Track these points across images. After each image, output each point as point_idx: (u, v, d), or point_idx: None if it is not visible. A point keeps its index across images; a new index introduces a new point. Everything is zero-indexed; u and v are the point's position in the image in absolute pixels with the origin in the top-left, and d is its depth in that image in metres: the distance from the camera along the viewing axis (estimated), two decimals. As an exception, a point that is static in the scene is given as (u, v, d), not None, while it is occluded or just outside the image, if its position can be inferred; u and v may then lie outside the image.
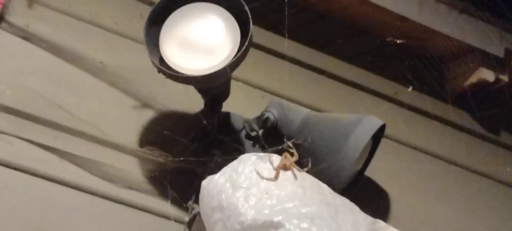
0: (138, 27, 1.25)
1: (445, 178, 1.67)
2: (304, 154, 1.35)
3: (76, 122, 1.35)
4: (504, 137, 1.81)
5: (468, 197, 1.66)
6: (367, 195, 1.33)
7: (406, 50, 1.73)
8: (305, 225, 0.96)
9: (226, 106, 1.38)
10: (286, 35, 1.38)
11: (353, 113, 1.36)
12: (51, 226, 1.24)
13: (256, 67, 1.61)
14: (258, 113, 1.38)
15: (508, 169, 1.74)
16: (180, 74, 1.20)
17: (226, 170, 1.08)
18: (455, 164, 1.71)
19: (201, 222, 1.19)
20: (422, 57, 1.68)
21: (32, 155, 1.29)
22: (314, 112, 1.41)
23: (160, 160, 1.34)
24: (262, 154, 1.10)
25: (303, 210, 0.99)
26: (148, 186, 1.34)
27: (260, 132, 1.40)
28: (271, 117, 1.37)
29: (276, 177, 1.04)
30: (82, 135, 1.35)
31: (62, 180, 1.29)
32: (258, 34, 1.61)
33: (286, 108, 1.40)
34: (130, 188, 1.33)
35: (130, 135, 1.39)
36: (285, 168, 1.08)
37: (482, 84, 1.70)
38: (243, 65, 1.24)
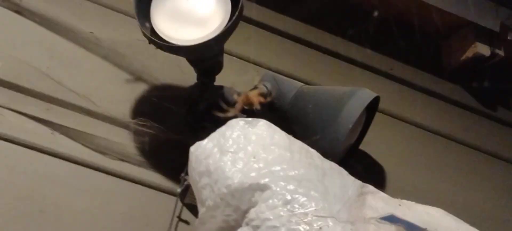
0: (131, 1, 1.24)
1: (440, 153, 1.67)
2: (298, 125, 1.36)
3: (69, 94, 1.35)
4: (501, 112, 1.80)
5: (464, 171, 1.66)
6: (360, 168, 1.31)
7: (401, 25, 1.74)
8: (291, 187, 0.96)
9: (219, 80, 1.37)
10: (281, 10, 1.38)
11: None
12: (44, 197, 1.24)
13: (250, 42, 1.60)
14: (251, 87, 1.38)
15: (504, 144, 1.74)
16: (171, 44, 1.21)
17: (214, 135, 1.08)
18: (450, 138, 1.70)
19: (193, 194, 1.18)
20: (417, 32, 1.67)
21: (24, 127, 1.29)
22: (308, 85, 1.40)
23: (153, 132, 1.34)
24: (250, 119, 1.09)
25: (291, 173, 0.99)
26: (141, 158, 1.34)
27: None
28: (264, 90, 1.37)
29: (238, 110, 1.03)
30: (74, 107, 1.35)
31: (54, 152, 1.29)
32: (251, 8, 1.62)
33: (280, 82, 1.40)
34: (122, 160, 1.32)
35: (123, 107, 1.39)
36: (247, 99, 1.06)
37: (478, 59, 1.69)
38: (236, 39, 1.26)
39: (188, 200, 1.30)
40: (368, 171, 1.50)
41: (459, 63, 1.71)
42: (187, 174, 1.29)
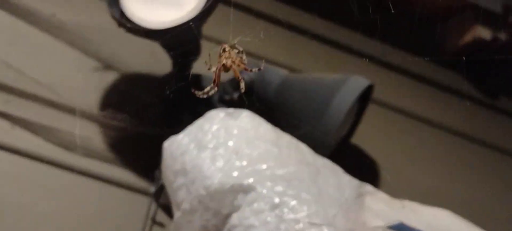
0: None
1: (438, 145, 1.56)
2: (284, 117, 1.27)
3: (30, 84, 1.23)
4: (503, 102, 1.69)
5: (463, 165, 1.55)
6: (353, 162, 1.23)
7: (395, 7, 1.62)
8: (279, 188, 0.84)
9: (196, 68, 1.26)
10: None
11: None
12: (2, 198, 1.14)
13: (229, 25, 1.49)
14: (232, 75, 1.27)
15: (506, 135, 1.63)
16: (142, 28, 1.10)
17: (191, 128, 0.97)
18: (448, 130, 1.59)
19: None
20: (413, 15, 1.58)
21: (-20, 121, 1.19)
22: (294, 74, 1.31)
23: (123, 125, 1.22)
24: (231, 110, 0.98)
25: (279, 172, 0.87)
26: (110, 154, 1.23)
27: (235, 95, 1.29)
28: (246, 78, 1.26)
29: (216, 84, 0.90)
30: (36, 98, 1.23)
31: (15, 147, 1.18)
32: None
33: (264, 70, 1.30)
34: (90, 156, 1.21)
35: (90, 98, 1.26)
36: (225, 68, 0.93)
37: (479, 44, 1.58)
38: (216, 23, 1.16)
39: (163, 200, 1.18)
40: (361, 166, 1.41)
41: (458, 48, 1.60)
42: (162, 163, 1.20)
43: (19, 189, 1.16)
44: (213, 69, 0.93)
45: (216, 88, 0.93)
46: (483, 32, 1.55)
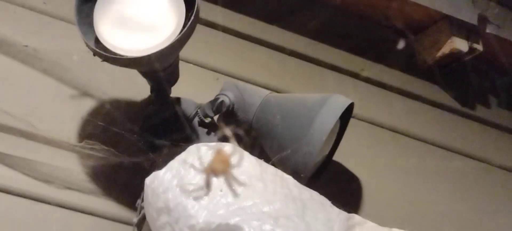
0: (71, 6, 1.11)
1: (419, 157, 1.56)
2: (265, 139, 1.25)
3: (3, 116, 1.19)
4: (480, 111, 1.70)
5: (445, 176, 1.55)
6: (336, 182, 1.21)
7: (371, 21, 1.62)
8: (267, 227, 0.82)
9: (176, 91, 1.24)
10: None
11: (317, 93, 1.25)
12: None
13: (207, 46, 1.47)
14: (212, 97, 1.25)
15: (484, 145, 1.63)
16: (118, 56, 1.06)
17: (173, 164, 0.93)
18: (429, 142, 1.59)
19: None
20: (389, 28, 1.57)
21: (-48, 156, 1.15)
22: (274, 94, 1.29)
23: (103, 155, 1.19)
24: (213, 143, 0.95)
25: (265, 209, 0.85)
26: (90, 185, 1.19)
27: (216, 118, 1.27)
28: (227, 101, 1.24)
29: (207, 187, 0.85)
30: (10, 130, 1.19)
31: (-10, 183, 1.15)
32: (206, 8, 1.48)
33: (243, 90, 1.28)
34: (69, 188, 1.18)
35: (67, 129, 1.23)
36: (215, 172, 0.86)
37: (455, 55, 1.58)
38: (193, 44, 1.12)
39: (146, 230, 1.17)
40: (343, 184, 1.40)
41: (435, 60, 1.60)
42: (143, 200, 1.17)
43: (-4, 226, 1.13)
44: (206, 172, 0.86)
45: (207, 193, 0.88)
46: (460, 43, 1.54)
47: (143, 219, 1.16)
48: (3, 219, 1.12)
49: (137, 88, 1.28)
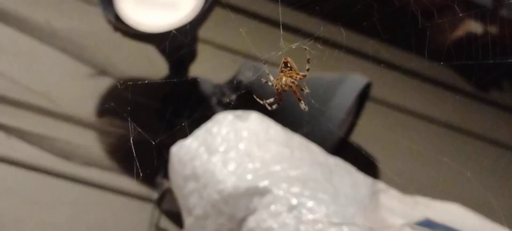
0: None
1: (434, 139, 1.55)
2: (283, 118, 1.25)
3: (24, 92, 1.20)
4: (494, 95, 1.70)
5: (459, 158, 1.54)
6: (352, 161, 1.21)
7: (386, 3, 1.62)
8: (296, 189, 0.83)
9: (194, 71, 1.24)
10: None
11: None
12: (1, 211, 1.10)
13: (226, 28, 1.46)
14: (229, 78, 1.25)
15: (498, 129, 1.63)
16: (138, 32, 1.07)
17: (199, 133, 0.94)
18: (445, 125, 1.59)
19: (172, 199, 1.06)
20: (404, 11, 1.57)
21: (-27, 132, 1.15)
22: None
23: (122, 131, 1.20)
24: (239, 111, 0.96)
25: (293, 173, 0.86)
26: (110, 162, 1.20)
27: (233, 97, 1.27)
28: (244, 80, 1.25)
29: (279, 100, 0.88)
30: (31, 107, 1.20)
31: (11, 159, 1.15)
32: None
33: (260, 71, 1.29)
34: (89, 164, 1.19)
35: (86, 106, 1.24)
36: (288, 86, 0.89)
37: (470, 38, 1.57)
38: (212, 25, 1.13)
39: (167, 206, 1.17)
40: (361, 165, 1.40)
41: (449, 43, 1.60)
42: (164, 177, 1.17)
43: (16, 201, 1.12)
44: (271, 84, 0.90)
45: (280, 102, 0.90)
46: (474, 26, 1.55)
47: (163, 196, 1.18)
48: (23, 195, 1.13)
49: (155, 67, 1.28)
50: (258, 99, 0.92)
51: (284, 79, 0.90)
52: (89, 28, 1.30)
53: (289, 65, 0.93)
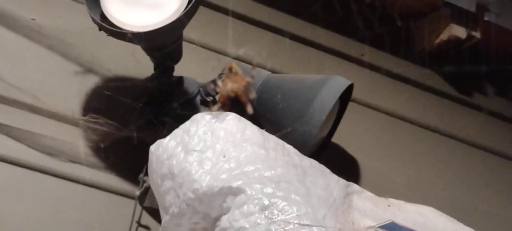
0: None
1: (416, 142, 1.59)
2: (265, 118, 1.26)
3: (10, 89, 1.22)
4: (477, 99, 1.73)
5: (440, 161, 1.58)
6: (334, 162, 1.23)
7: (371, 8, 1.64)
8: (269, 190, 0.84)
9: (179, 71, 1.26)
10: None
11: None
12: None
13: (211, 28, 1.49)
14: (214, 77, 1.26)
15: (480, 132, 1.66)
16: (124, 31, 1.08)
17: (177, 132, 0.96)
18: (426, 127, 1.62)
19: (154, 196, 1.08)
20: (389, 14, 1.59)
21: (-40, 128, 1.17)
22: (275, 74, 1.31)
23: (106, 129, 1.22)
24: (217, 112, 0.98)
25: (267, 174, 0.87)
26: (93, 159, 1.22)
27: (217, 97, 1.29)
28: (250, 80, 1.26)
29: (224, 105, 0.92)
30: (17, 104, 1.21)
31: (-4, 154, 1.17)
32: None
33: (244, 71, 1.30)
34: (73, 161, 1.20)
35: (71, 103, 1.25)
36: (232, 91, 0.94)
37: (454, 42, 1.60)
38: (196, 25, 1.15)
39: (148, 203, 1.19)
40: (342, 166, 1.42)
41: (433, 47, 1.62)
42: (146, 174, 1.18)
43: (1, 196, 1.13)
44: (218, 89, 0.95)
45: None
46: (458, 31, 1.57)
47: (144, 193, 1.19)
48: (8, 189, 1.14)
49: (140, 65, 1.30)
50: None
51: (229, 84, 0.93)
52: (75, 26, 1.32)
53: (233, 70, 0.95)
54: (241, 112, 1.02)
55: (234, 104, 1.06)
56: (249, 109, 0.96)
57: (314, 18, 1.61)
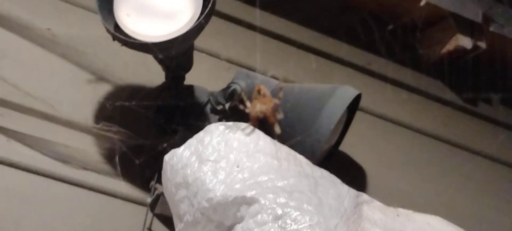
0: None
1: (422, 150, 1.61)
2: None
3: (24, 97, 1.24)
4: (482, 108, 1.75)
5: (446, 169, 1.60)
6: (341, 170, 1.24)
7: (379, 18, 1.66)
8: (282, 200, 0.86)
9: (189, 79, 1.28)
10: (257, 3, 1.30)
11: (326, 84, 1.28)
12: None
13: (221, 37, 1.51)
14: (224, 86, 1.28)
15: (485, 141, 1.68)
16: (137, 41, 1.10)
17: (192, 142, 0.97)
18: (432, 136, 1.64)
19: (165, 203, 1.09)
20: (396, 24, 1.61)
21: (-25, 136, 1.19)
22: (285, 83, 1.32)
23: (118, 137, 1.23)
24: (230, 123, 0.99)
25: (280, 184, 0.89)
26: (106, 166, 1.23)
27: (227, 105, 1.30)
28: (238, 89, 1.27)
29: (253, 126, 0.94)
30: (31, 111, 1.23)
31: (10, 161, 1.18)
32: (222, 1, 1.52)
33: (254, 80, 1.31)
34: (85, 168, 1.22)
35: (85, 111, 1.27)
36: (262, 113, 0.97)
37: (459, 52, 1.62)
38: (207, 35, 1.16)
39: (159, 211, 1.21)
40: (349, 174, 1.43)
41: (439, 57, 1.64)
42: (157, 182, 1.20)
43: (15, 203, 1.15)
44: (247, 110, 0.98)
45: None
46: (464, 41, 1.59)
47: (156, 200, 1.21)
48: (22, 196, 1.16)
49: (152, 74, 1.31)
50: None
51: (258, 106, 0.96)
52: (88, 35, 1.34)
53: (262, 92, 0.98)
54: (268, 131, 1.04)
55: (261, 124, 1.08)
56: (277, 129, 0.98)
57: (323, 28, 1.64)
